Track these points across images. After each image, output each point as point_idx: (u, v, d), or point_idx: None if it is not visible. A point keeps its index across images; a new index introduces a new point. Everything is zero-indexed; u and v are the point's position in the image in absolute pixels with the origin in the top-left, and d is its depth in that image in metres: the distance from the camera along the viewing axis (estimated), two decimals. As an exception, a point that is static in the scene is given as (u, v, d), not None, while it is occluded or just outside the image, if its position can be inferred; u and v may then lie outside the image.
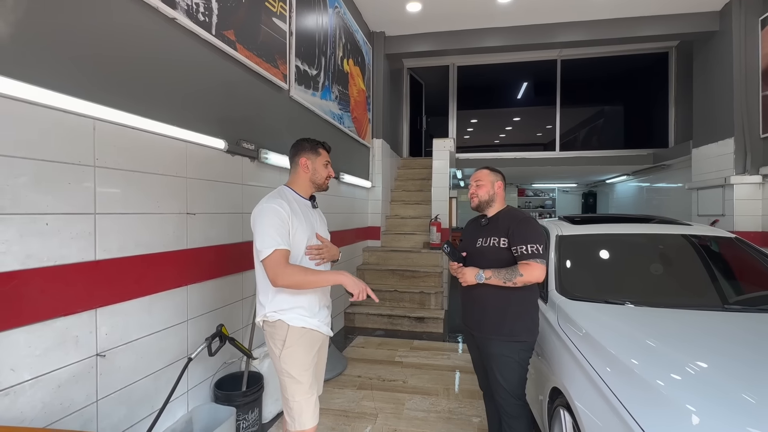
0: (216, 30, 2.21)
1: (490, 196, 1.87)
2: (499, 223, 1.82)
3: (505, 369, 1.74)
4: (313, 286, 1.49)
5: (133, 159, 1.72)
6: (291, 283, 1.44)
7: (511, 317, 1.74)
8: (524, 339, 1.76)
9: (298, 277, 1.44)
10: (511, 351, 1.74)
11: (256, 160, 2.67)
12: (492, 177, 1.89)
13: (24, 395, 1.31)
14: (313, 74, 3.61)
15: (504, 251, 1.76)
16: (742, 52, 4.43)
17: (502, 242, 1.76)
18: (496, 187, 1.88)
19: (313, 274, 1.47)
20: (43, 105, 1.35)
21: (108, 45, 1.61)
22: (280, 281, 1.42)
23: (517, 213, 1.85)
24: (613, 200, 9.80)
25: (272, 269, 1.42)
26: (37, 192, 1.35)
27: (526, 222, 1.76)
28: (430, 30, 5.59)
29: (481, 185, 1.89)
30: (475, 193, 1.90)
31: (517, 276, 1.66)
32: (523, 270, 1.67)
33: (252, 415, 2.20)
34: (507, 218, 1.81)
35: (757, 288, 2.20)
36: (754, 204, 4.30)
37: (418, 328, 4.38)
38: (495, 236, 1.79)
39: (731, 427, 1.12)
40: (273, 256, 1.42)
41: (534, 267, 1.67)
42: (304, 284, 1.46)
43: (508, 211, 1.88)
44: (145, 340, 1.80)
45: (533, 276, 1.67)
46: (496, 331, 1.76)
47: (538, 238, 1.72)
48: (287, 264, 1.43)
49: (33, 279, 1.33)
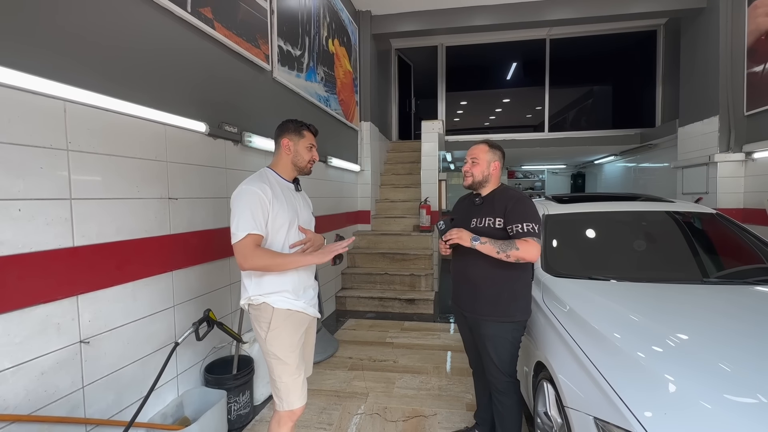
0: (191, 7, 2.13)
1: (484, 177, 1.80)
2: (494, 203, 1.76)
3: (499, 348, 1.74)
4: (281, 269, 1.48)
5: (108, 142, 1.67)
6: (258, 266, 1.43)
7: (507, 299, 1.73)
8: (519, 319, 1.75)
9: (266, 261, 1.42)
10: (506, 331, 1.73)
11: (240, 144, 2.61)
12: (489, 156, 1.80)
13: (5, 383, 1.30)
14: (297, 55, 3.52)
15: (499, 231, 1.71)
16: (728, 30, 4.42)
17: (497, 222, 1.72)
18: (492, 168, 1.80)
19: (280, 257, 1.45)
20: (7, 85, 1.29)
21: (76, 23, 1.54)
22: (247, 264, 1.41)
23: (513, 192, 1.79)
24: (601, 181, 9.90)
25: (241, 253, 1.40)
26: (7, 177, 1.30)
27: (523, 201, 1.72)
28: (417, 8, 5.47)
29: (476, 163, 1.80)
30: (470, 171, 1.81)
31: (513, 249, 1.60)
32: (519, 245, 1.61)
33: (243, 398, 2.22)
34: (503, 198, 1.76)
35: (737, 262, 2.26)
36: (737, 181, 4.37)
37: (409, 310, 4.43)
38: (490, 216, 1.74)
39: (708, 393, 1.16)
40: (244, 240, 1.40)
41: (531, 244, 1.62)
42: (272, 267, 1.45)
43: (503, 190, 1.81)
44: (130, 326, 1.78)
45: (529, 253, 1.61)
46: (491, 312, 1.73)
47: (534, 217, 1.67)
48: (255, 248, 1.42)
49: (7, 266, 1.29)
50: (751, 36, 4.22)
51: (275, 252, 1.47)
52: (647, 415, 1.12)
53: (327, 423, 2.28)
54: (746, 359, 1.30)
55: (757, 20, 4.13)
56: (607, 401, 1.22)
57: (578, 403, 1.33)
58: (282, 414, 1.53)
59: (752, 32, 4.21)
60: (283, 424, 1.53)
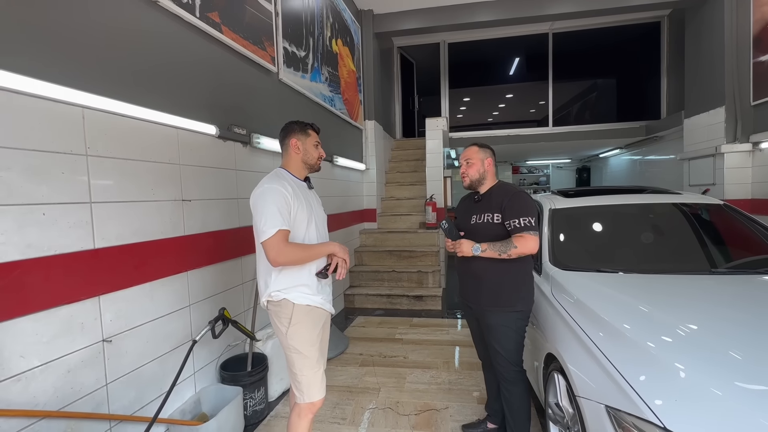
0: (200, 12, 2.17)
1: (480, 174, 1.89)
2: (492, 199, 1.85)
3: (503, 338, 1.80)
4: (310, 260, 1.56)
5: (125, 147, 1.71)
6: (291, 261, 1.49)
7: (508, 288, 1.80)
8: (520, 308, 1.81)
9: (298, 254, 1.50)
10: (509, 320, 1.80)
11: (249, 145, 2.66)
12: (481, 154, 1.90)
13: (35, 381, 1.35)
14: (302, 56, 3.55)
15: (497, 226, 1.80)
16: (733, 19, 4.39)
17: (495, 218, 1.80)
18: (486, 165, 1.90)
19: (309, 249, 1.54)
20: (29, 94, 1.34)
21: (92, 32, 1.58)
22: (281, 259, 1.46)
23: (509, 187, 1.88)
24: (606, 174, 9.85)
25: (274, 249, 1.44)
26: (32, 182, 1.35)
27: (517, 196, 1.80)
28: (419, 6, 5.48)
29: (471, 164, 1.90)
30: (466, 173, 1.92)
31: (512, 248, 1.70)
32: (517, 242, 1.71)
33: (258, 394, 2.26)
34: (499, 193, 1.84)
35: (745, 252, 2.27)
36: (744, 172, 4.34)
37: (417, 306, 4.46)
38: (488, 212, 1.83)
39: (718, 381, 1.18)
40: (276, 236, 1.44)
41: (528, 239, 1.71)
42: (303, 259, 1.53)
43: (499, 186, 1.91)
44: (149, 325, 1.83)
45: (527, 247, 1.71)
46: (493, 302, 1.81)
47: (529, 211, 1.76)
48: (287, 243, 1.47)
49: (35, 268, 1.35)
50: (757, 25, 4.19)
51: (305, 245, 1.55)
52: (658, 403, 1.15)
53: (341, 417, 2.32)
54: (756, 347, 1.31)
55: (763, 9, 4.09)
56: (618, 390, 1.25)
57: (589, 392, 1.36)
58: (303, 406, 1.57)
59: (758, 21, 4.18)
60: (304, 416, 1.58)
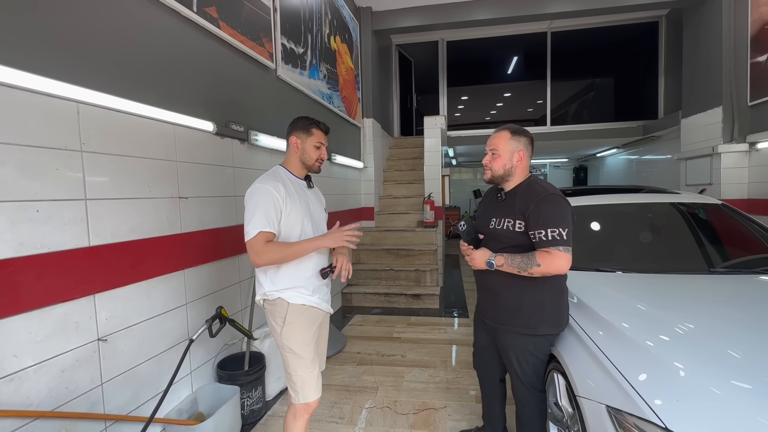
0: (197, 6, 2.14)
1: (506, 171, 1.55)
2: (516, 201, 1.51)
3: (521, 361, 1.57)
4: (293, 258, 1.50)
5: (120, 143, 1.69)
6: (272, 260, 1.46)
7: (528, 308, 1.52)
8: (544, 333, 1.52)
9: (278, 254, 1.45)
10: (527, 344, 1.53)
11: (246, 142, 2.63)
12: (512, 146, 1.54)
13: (28, 381, 1.33)
14: (300, 52, 3.52)
15: (520, 236, 1.47)
16: (731, 19, 4.40)
17: (518, 225, 1.47)
18: (515, 160, 1.54)
19: (292, 246, 1.47)
20: (22, 88, 1.31)
21: (88, 25, 1.55)
22: (260, 260, 1.44)
23: (539, 188, 1.49)
24: (603, 174, 9.89)
25: (253, 250, 1.43)
26: (25, 178, 1.32)
27: (547, 201, 1.44)
28: (417, 4, 5.45)
29: (497, 156, 1.55)
30: (489, 165, 1.56)
31: (534, 266, 1.40)
32: (541, 259, 1.39)
33: (255, 393, 2.25)
34: (526, 195, 1.49)
35: (743, 251, 2.27)
36: (741, 172, 4.37)
37: (415, 305, 4.46)
38: (510, 218, 1.50)
39: (716, 380, 1.18)
40: (255, 237, 1.43)
41: (555, 256, 1.38)
42: (284, 258, 1.48)
43: (528, 184, 1.54)
44: (145, 324, 1.81)
45: (553, 266, 1.39)
46: (510, 321, 1.55)
47: (561, 221, 1.41)
48: (266, 244, 1.44)
49: (28, 266, 1.32)
50: (754, 25, 4.21)
51: (285, 243, 1.49)
52: (658, 403, 1.14)
53: (339, 417, 2.31)
54: (755, 346, 1.31)
55: (760, 9, 4.11)
56: (619, 389, 1.24)
57: (590, 392, 1.35)
58: (298, 407, 1.56)
59: (755, 21, 4.20)
60: (299, 417, 1.56)
